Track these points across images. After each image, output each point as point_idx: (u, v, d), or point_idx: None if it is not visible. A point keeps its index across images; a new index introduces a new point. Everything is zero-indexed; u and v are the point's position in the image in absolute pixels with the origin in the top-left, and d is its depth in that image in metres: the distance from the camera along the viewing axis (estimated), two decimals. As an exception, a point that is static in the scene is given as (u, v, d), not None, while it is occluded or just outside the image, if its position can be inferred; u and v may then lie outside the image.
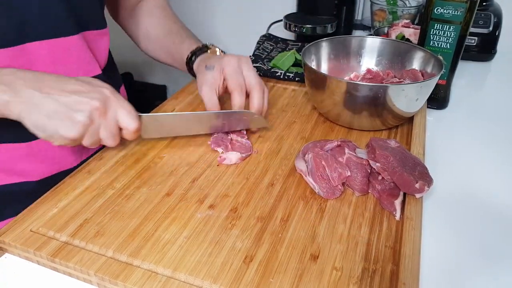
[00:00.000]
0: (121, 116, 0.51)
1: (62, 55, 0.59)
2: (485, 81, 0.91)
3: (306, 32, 1.00)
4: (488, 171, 0.59)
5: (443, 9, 0.66)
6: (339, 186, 0.51)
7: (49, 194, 0.52)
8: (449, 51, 0.68)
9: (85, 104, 0.47)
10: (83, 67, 0.63)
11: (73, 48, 0.60)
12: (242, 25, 1.52)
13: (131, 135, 0.53)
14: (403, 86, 0.58)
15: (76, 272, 0.43)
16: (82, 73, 0.62)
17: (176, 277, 0.41)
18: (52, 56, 0.58)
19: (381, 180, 0.51)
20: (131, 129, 0.52)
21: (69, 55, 0.60)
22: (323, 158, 0.52)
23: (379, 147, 0.51)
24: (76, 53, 0.61)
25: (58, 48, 0.58)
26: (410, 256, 0.41)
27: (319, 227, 0.47)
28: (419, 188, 0.47)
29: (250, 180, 0.55)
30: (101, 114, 0.49)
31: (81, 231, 0.46)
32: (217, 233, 0.46)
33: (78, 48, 0.61)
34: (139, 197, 0.52)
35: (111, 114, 0.50)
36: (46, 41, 0.57)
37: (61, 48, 0.59)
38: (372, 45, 0.75)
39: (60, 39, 0.58)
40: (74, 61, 0.61)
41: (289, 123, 0.68)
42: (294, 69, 0.85)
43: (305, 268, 0.42)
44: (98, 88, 0.50)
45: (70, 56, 0.60)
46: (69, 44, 0.60)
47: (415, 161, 0.51)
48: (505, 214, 0.51)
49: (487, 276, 0.44)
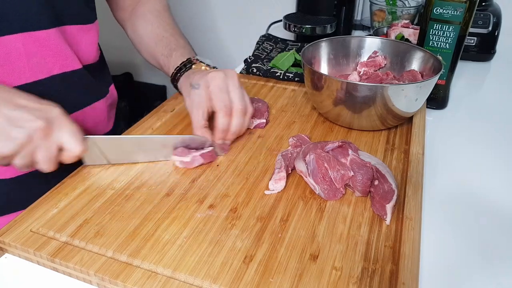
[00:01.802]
0: (66, 138, 0.48)
1: (37, 48, 0.58)
2: (484, 81, 0.91)
3: (306, 32, 1.01)
4: (488, 171, 0.59)
5: (443, 9, 0.66)
6: (341, 189, 0.51)
7: (49, 194, 0.52)
8: (449, 51, 0.69)
9: (28, 122, 0.45)
10: (59, 62, 0.62)
11: (48, 42, 0.59)
12: (241, 25, 1.52)
13: (72, 158, 0.50)
14: (402, 86, 0.58)
15: (76, 272, 0.43)
16: (58, 68, 0.62)
17: (176, 277, 0.41)
18: (26, 49, 0.57)
19: (376, 185, 0.51)
20: (75, 153, 0.49)
21: (44, 48, 0.59)
22: (325, 159, 0.52)
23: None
24: (53, 47, 0.60)
25: (33, 41, 0.58)
26: (410, 256, 0.41)
27: (318, 227, 0.47)
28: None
29: (250, 180, 0.55)
30: (44, 135, 0.46)
31: (81, 231, 0.46)
32: (217, 233, 0.46)
33: (55, 42, 0.60)
34: (139, 197, 0.52)
35: (55, 136, 0.48)
36: (21, 34, 0.56)
37: (36, 41, 0.58)
38: (372, 45, 0.75)
39: (34, 33, 0.57)
40: (51, 54, 0.60)
41: (289, 123, 0.68)
42: (293, 69, 0.85)
43: (304, 268, 0.42)
44: (47, 107, 0.48)
45: (46, 49, 0.59)
46: (44, 37, 0.59)
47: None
48: (504, 214, 0.52)
49: (487, 275, 0.44)
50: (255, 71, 0.85)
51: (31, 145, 0.46)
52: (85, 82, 0.67)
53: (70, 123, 0.49)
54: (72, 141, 0.49)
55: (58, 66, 0.62)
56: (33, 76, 0.59)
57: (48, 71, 0.61)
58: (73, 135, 0.49)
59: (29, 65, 0.58)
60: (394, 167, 0.57)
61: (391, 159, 0.59)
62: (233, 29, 1.56)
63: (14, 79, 0.57)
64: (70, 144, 0.49)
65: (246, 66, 0.87)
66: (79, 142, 0.49)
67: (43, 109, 0.47)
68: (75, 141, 0.49)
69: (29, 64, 0.58)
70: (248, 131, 0.65)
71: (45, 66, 0.60)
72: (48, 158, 0.48)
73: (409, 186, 0.51)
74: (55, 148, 0.48)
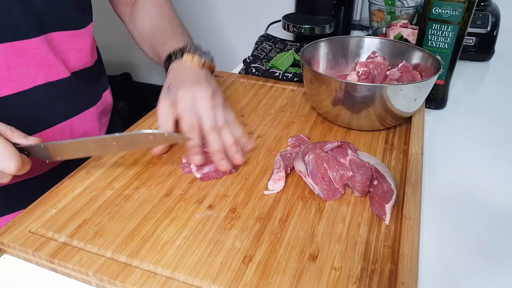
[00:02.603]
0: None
1: (17, 59, 0.56)
2: (483, 81, 0.92)
3: (305, 33, 1.01)
4: (487, 171, 0.60)
5: (441, 9, 0.66)
6: (340, 189, 0.51)
7: (48, 195, 0.52)
8: (447, 51, 0.69)
9: None
10: (43, 71, 0.59)
11: (31, 51, 0.57)
12: (241, 26, 1.53)
13: (18, 173, 0.48)
14: (401, 86, 0.58)
15: (75, 273, 0.43)
16: (42, 77, 0.59)
17: (175, 278, 0.41)
18: (6, 60, 0.55)
19: (375, 185, 0.51)
20: (12, 171, 0.47)
21: (26, 58, 0.57)
22: (324, 160, 0.52)
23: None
24: (36, 56, 0.58)
25: (13, 51, 0.56)
26: (409, 256, 0.41)
27: (318, 227, 0.47)
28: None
29: (249, 180, 0.55)
30: None
31: (80, 231, 0.46)
32: (216, 233, 0.46)
33: (38, 51, 0.58)
34: (138, 197, 0.52)
35: None
36: (0, 45, 0.54)
37: (16, 51, 0.56)
38: (370, 45, 0.75)
39: (15, 43, 0.55)
40: (33, 64, 0.58)
41: (288, 123, 0.68)
42: (292, 69, 0.85)
43: (304, 268, 0.42)
44: None
45: (27, 59, 0.57)
46: (26, 47, 0.56)
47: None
48: (503, 213, 0.52)
49: (486, 275, 0.44)
50: (254, 71, 0.85)
51: None
52: (73, 90, 0.65)
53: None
54: (2, 163, 0.46)
55: (42, 76, 0.59)
56: (15, 88, 0.57)
57: (31, 82, 0.58)
58: (2, 157, 0.46)
59: (10, 76, 0.56)
60: (393, 167, 0.57)
61: (390, 159, 0.59)
62: (232, 29, 1.56)
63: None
64: (1, 165, 0.46)
65: (245, 66, 0.87)
66: (11, 161, 0.46)
67: None
68: (5, 162, 0.46)
69: (10, 75, 0.56)
70: (248, 132, 0.65)
71: (27, 76, 0.58)
72: None
73: (408, 186, 0.51)
74: None
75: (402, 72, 0.68)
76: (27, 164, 0.49)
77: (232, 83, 0.83)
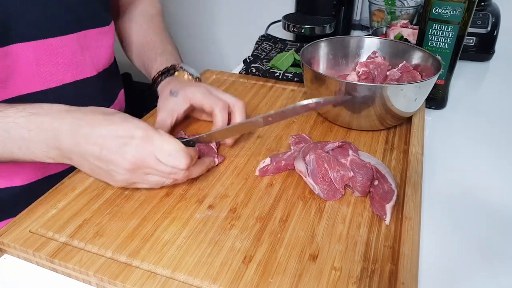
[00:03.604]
0: (165, 159, 0.47)
1: (48, 56, 0.57)
2: (483, 81, 0.92)
3: (305, 33, 1.01)
4: (487, 171, 0.60)
5: (441, 9, 0.66)
6: (341, 190, 0.51)
7: (48, 195, 0.52)
8: (447, 51, 0.69)
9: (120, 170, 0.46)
10: (71, 70, 0.60)
11: (62, 49, 0.58)
12: (241, 26, 1.52)
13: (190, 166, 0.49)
14: (401, 86, 0.58)
15: (75, 273, 0.43)
16: (70, 76, 0.61)
17: (175, 278, 0.41)
18: (37, 58, 0.56)
19: (376, 185, 0.51)
20: (183, 167, 0.47)
21: (57, 56, 0.58)
22: (325, 160, 0.52)
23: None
24: (66, 54, 0.59)
25: (44, 49, 0.56)
26: (409, 256, 0.41)
27: (318, 227, 0.47)
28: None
29: (249, 180, 0.55)
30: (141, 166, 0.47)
31: (80, 231, 0.46)
32: (216, 233, 0.46)
33: (68, 49, 0.59)
34: (138, 197, 0.52)
35: (153, 160, 0.47)
36: (32, 42, 0.55)
37: (47, 49, 0.57)
38: (371, 45, 0.75)
39: (47, 40, 0.56)
40: (63, 62, 0.59)
41: (288, 123, 0.68)
42: (292, 69, 0.85)
43: (304, 268, 0.42)
44: (131, 132, 0.46)
45: (58, 57, 0.58)
46: (58, 45, 0.58)
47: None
48: (504, 213, 0.52)
49: (486, 275, 0.44)
50: (254, 71, 0.85)
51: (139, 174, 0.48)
52: (98, 89, 0.66)
53: (161, 140, 0.46)
54: (174, 160, 0.46)
55: (70, 74, 0.61)
56: (43, 85, 0.58)
57: (60, 80, 0.60)
58: (171, 153, 0.46)
59: (39, 73, 0.57)
60: (393, 167, 0.57)
61: (390, 159, 0.59)
62: (232, 29, 1.56)
63: (23, 88, 0.57)
64: (173, 164, 0.47)
65: (245, 66, 0.87)
66: (181, 157, 0.46)
67: (127, 142, 0.45)
68: (176, 159, 0.46)
69: (39, 72, 0.57)
70: (248, 132, 0.65)
71: (56, 74, 0.59)
72: (165, 176, 0.48)
73: (408, 186, 0.51)
74: (165, 168, 0.47)
75: (402, 72, 0.68)
76: (196, 157, 0.50)
77: (233, 83, 0.83)
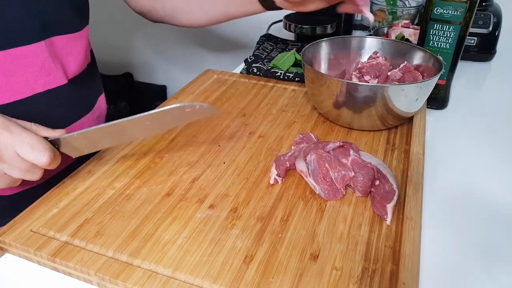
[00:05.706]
0: (26, 152, 0.46)
1: (16, 66, 0.55)
2: (484, 81, 0.91)
3: (306, 33, 1.00)
4: (488, 171, 0.59)
5: (443, 9, 0.66)
6: (342, 190, 0.51)
7: (49, 194, 0.52)
8: (449, 51, 0.69)
9: None
10: (42, 79, 0.58)
11: (31, 58, 0.56)
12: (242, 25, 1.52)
13: (49, 167, 0.48)
14: (403, 86, 0.58)
15: (76, 272, 0.43)
16: (41, 85, 0.58)
17: (176, 277, 0.41)
18: (5, 68, 0.54)
19: (377, 185, 0.51)
20: (45, 163, 0.47)
21: (26, 65, 0.56)
22: (326, 160, 0.52)
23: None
24: (35, 63, 0.56)
25: (12, 59, 0.54)
26: (410, 256, 0.41)
27: (319, 227, 0.47)
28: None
29: (250, 180, 0.55)
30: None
31: (81, 231, 0.47)
32: (217, 233, 0.46)
33: (38, 58, 0.57)
34: (139, 197, 0.52)
35: (10, 154, 0.46)
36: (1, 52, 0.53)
37: (15, 59, 0.54)
38: (372, 45, 0.75)
39: (15, 49, 0.54)
40: (32, 71, 0.57)
41: (289, 123, 0.68)
42: (294, 69, 0.85)
43: (305, 268, 0.42)
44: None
45: (27, 66, 0.56)
46: (27, 53, 0.55)
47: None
48: (505, 214, 0.51)
49: (487, 275, 0.44)
50: (256, 71, 0.85)
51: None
52: (72, 96, 0.63)
53: (24, 135, 0.46)
54: (34, 154, 0.46)
55: (41, 83, 0.58)
56: (13, 96, 0.56)
57: (30, 90, 0.57)
58: (34, 147, 0.46)
59: (8, 84, 0.55)
60: (395, 167, 0.57)
61: (392, 159, 0.59)
62: (233, 29, 1.56)
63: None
64: (34, 158, 0.46)
65: (246, 66, 0.87)
66: (42, 152, 0.46)
67: None
68: (36, 153, 0.46)
69: (8, 83, 0.55)
70: (249, 132, 0.65)
71: (26, 84, 0.57)
72: (23, 174, 0.47)
73: (409, 186, 0.51)
74: (24, 164, 0.47)
75: (404, 72, 0.68)
76: (57, 157, 0.49)
77: (234, 83, 0.83)
